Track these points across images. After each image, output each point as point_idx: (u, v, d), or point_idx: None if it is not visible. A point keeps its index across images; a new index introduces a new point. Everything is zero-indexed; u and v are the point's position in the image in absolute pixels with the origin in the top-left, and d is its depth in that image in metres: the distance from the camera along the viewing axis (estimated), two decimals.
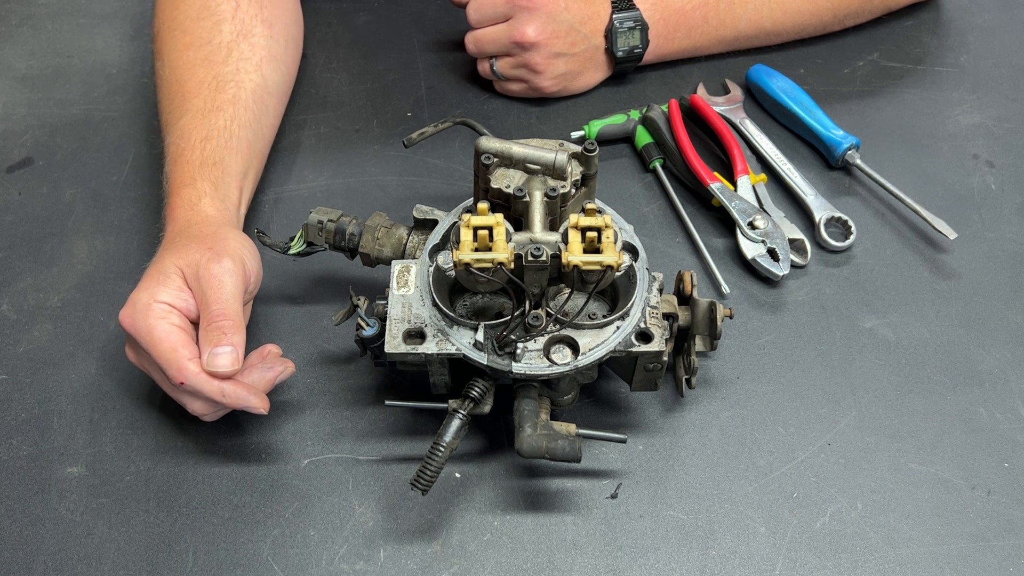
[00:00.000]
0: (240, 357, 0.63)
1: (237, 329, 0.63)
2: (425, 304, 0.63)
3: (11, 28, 1.06)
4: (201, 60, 0.80)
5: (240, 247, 0.68)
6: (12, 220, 0.86)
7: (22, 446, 0.70)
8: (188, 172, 0.74)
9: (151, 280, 0.66)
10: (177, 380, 0.62)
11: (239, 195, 0.76)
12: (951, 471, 0.68)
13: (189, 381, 0.62)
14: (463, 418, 0.62)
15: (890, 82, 0.96)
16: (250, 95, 0.80)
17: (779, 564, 0.64)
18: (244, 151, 0.78)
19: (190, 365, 0.62)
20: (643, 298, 0.63)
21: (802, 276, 0.80)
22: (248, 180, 0.78)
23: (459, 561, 0.64)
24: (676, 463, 0.68)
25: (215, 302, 0.64)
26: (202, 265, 0.65)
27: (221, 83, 0.79)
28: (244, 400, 0.64)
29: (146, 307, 0.64)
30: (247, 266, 0.67)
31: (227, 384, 0.63)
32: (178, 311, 0.65)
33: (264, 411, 0.65)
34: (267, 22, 0.85)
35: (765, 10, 0.94)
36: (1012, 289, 0.79)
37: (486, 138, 0.64)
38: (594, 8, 0.89)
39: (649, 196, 0.87)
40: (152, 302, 0.64)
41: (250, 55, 0.82)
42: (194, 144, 0.75)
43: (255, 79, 0.81)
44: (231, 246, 0.67)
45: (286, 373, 0.67)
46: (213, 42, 0.81)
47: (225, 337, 0.63)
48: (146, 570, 0.64)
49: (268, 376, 0.66)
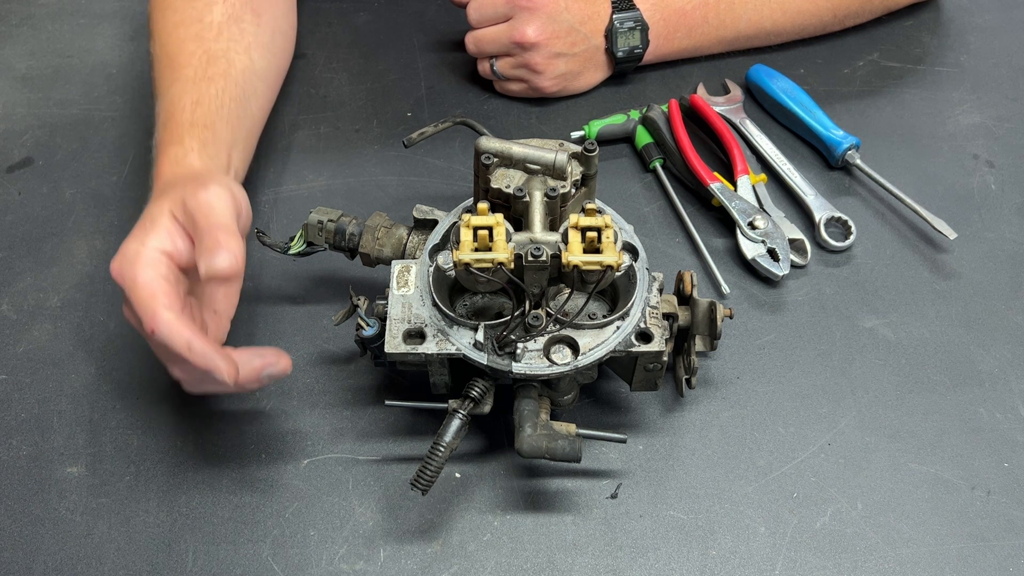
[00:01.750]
0: (240, 261, 0.60)
1: (233, 236, 0.60)
2: (425, 304, 0.63)
3: (11, 28, 1.06)
4: (192, 36, 0.80)
5: (228, 181, 0.65)
6: (12, 220, 0.86)
7: (22, 446, 0.70)
8: (176, 132, 0.72)
9: (140, 228, 0.63)
10: (149, 328, 0.59)
11: (228, 161, 0.73)
12: (951, 471, 0.68)
13: (159, 330, 0.58)
14: (463, 418, 0.62)
15: (890, 82, 0.96)
16: (239, 73, 0.79)
17: (779, 564, 0.64)
18: (234, 122, 0.76)
19: (163, 312, 0.59)
20: (643, 298, 0.63)
21: (802, 276, 0.80)
22: (237, 151, 0.75)
23: (459, 561, 0.64)
24: (676, 463, 0.68)
25: (208, 222, 0.60)
26: (188, 195, 0.62)
27: (212, 57, 0.79)
28: (210, 360, 0.59)
29: (135, 254, 0.61)
30: (236, 193, 0.64)
31: (196, 339, 0.58)
32: (168, 257, 0.62)
33: (230, 381, 0.59)
34: (255, 11, 0.85)
35: (765, 10, 0.94)
36: (1012, 289, 0.79)
37: (486, 138, 0.64)
38: (594, 8, 0.89)
39: (649, 196, 0.87)
40: (141, 249, 0.61)
41: (239, 38, 0.82)
42: (184, 107, 0.74)
43: (244, 60, 0.81)
44: (217, 178, 0.64)
45: (278, 367, 0.62)
46: (204, 20, 0.81)
47: (220, 243, 0.59)
48: (146, 570, 0.64)
49: (255, 363, 0.61)
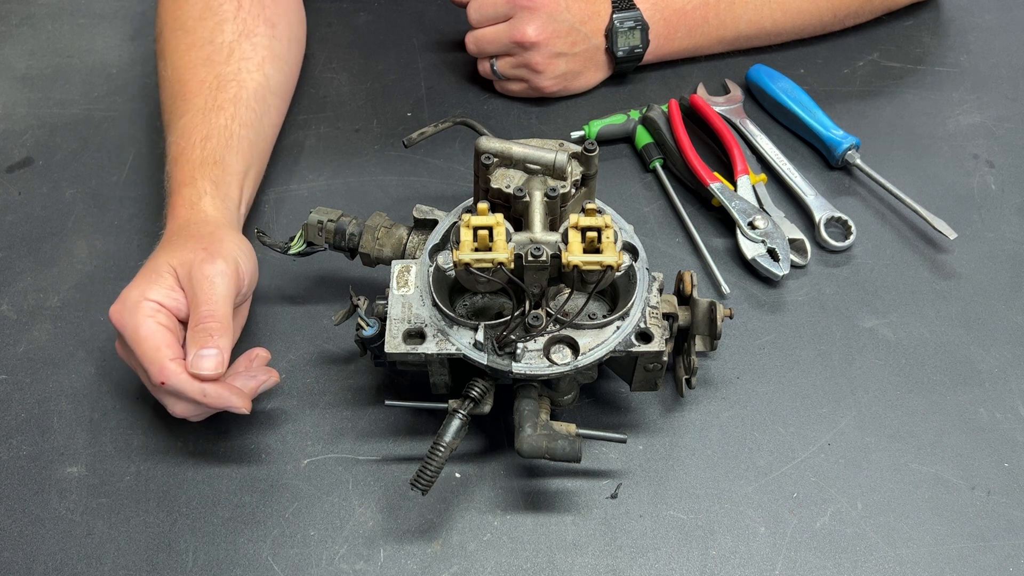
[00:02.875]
0: (225, 361, 0.63)
1: (224, 332, 0.63)
2: (425, 304, 0.63)
3: (11, 28, 1.06)
4: (203, 60, 0.80)
5: (235, 248, 0.68)
6: (12, 220, 0.86)
7: (22, 446, 0.70)
8: (188, 171, 0.74)
9: (144, 278, 0.65)
10: (158, 380, 0.62)
11: (239, 194, 0.76)
12: (951, 471, 0.68)
13: (170, 381, 0.62)
14: (463, 418, 0.62)
15: (890, 82, 0.96)
16: (252, 94, 0.80)
17: (779, 564, 0.64)
18: (245, 150, 0.78)
19: (171, 365, 0.62)
20: (643, 298, 0.63)
21: (802, 276, 0.80)
22: (249, 179, 0.78)
23: (459, 561, 0.64)
24: (676, 463, 0.68)
25: (205, 303, 0.63)
26: (195, 265, 0.65)
27: (223, 82, 0.79)
28: (226, 400, 0.63)
29: (135, 304, 0.63)
30: (241, 269, 0.67)
31: (209, 385, 0.62)
32: (167, 310, 0.64)
33: (246, 411, 0.64)
34: (269, 22, 0.85)
35: (765, 10, 0.94)
36: (1012, 289, 0.79)
37: (486, 138, 0.64)
38: (594, 8, 0.89)
39: (649, 196, 0.87)
40: (142, 299, 0.64)
41: (252, 54, 0.82)
42: (195, 143, 0.75)
43: (257, 78, 0.81)
44: (226, 247, 0.67)
45: (270, 383, 0.67)
46: (215, 42, 0.81)
47: (211, 340, 0.62)
48: (146, 570, 0.64)
49: (251, 385, 0.66)
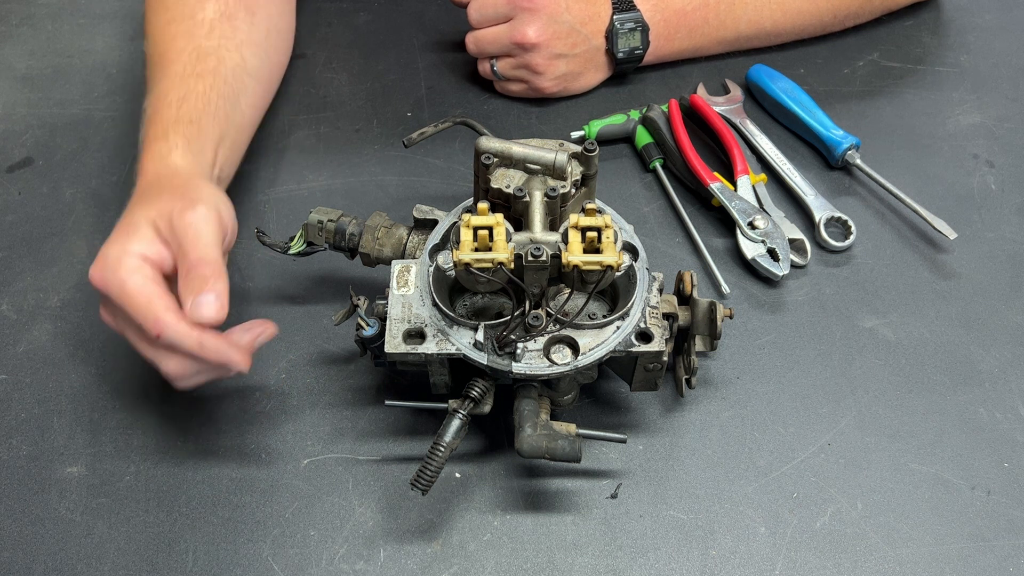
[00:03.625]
0: (225, 305, 0.59)
1: (219, 276, 0.60)
2: (425, 304, 0.63)
3: (11, 28, 1.06)
4: (183, 32, 0.80)
5: (213, 195, 0.65)
6: (12, 220, 0.86)
7: (22, 446, 0.70)
8: (162, 128, 0.72)
9: (121, 232, 0.62)
10: (154, 332, 0.59)
11: (214, 157, 0.73)
12: (951, 471, 0.68)
13: (166, 333, 0.58)
14: (463, 418, 0.62)
15: (890, 82, 0.96)
16: (230, 71, 0.79)
17: (779, 564, 0.64)
18: (222, 119, 0.75)
19: (167, 315, 0.59)
20: (643, 298, 0.63)
21: (802, 276, 0.80)
22: (224, 148, 0.75)
23: (459, 561, 0.64)
24: (676, 463, 0.68)
25: (193, 250, 0.60)
26: (175, 214, 0.62)
27: (202, 54, 0.78)
28: (224, 353, 0.60)
29: (117, 260, 0.60)
30: (223, 215, 0.64)
31: (207, 336, 0.59)
32: (151, 263, 0.61)
33: (245, 369, 0.61)
34: (249, 9, 0.84)
35: (765, 11, 0.94)
36: (1012, 289, 0.79)
37: (486, 138, 0.64)
38: (595, 9, 0.89)
39: (649, 196, 0.87)
40: (124, 254, 0.61)
41: (231, 35, 0.81)
42: (171, 103, 0.73)
43: (235, 58, 0.80)
44: (204, 194, 0.64)
45: (266, 334, 0.64)
46: (196, 17, 0.81)
47: (207, 284, 0.59)
48: (146, 570, 0.64)
49: (247, 338, 0.63)
